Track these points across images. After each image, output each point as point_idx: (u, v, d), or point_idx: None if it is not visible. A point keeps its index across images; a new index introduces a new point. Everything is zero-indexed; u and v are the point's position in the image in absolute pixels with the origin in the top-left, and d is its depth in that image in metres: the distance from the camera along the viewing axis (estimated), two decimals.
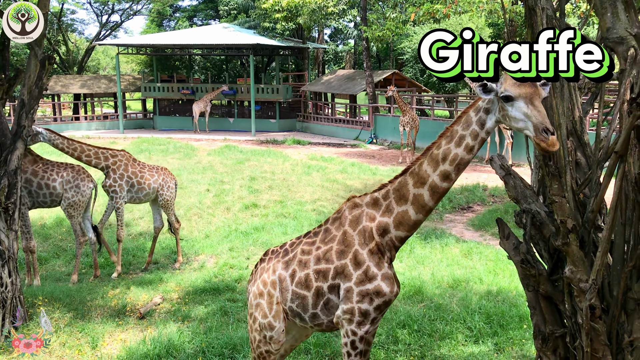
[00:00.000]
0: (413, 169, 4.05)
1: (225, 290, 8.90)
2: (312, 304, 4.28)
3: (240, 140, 28.25)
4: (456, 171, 3.90)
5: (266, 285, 4.53)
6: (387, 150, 25.63)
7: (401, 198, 4.07)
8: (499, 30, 33.16)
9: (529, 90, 3.51)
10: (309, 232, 4.55)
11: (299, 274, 4.33)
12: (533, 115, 3.44)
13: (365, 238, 4.11)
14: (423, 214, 4.05)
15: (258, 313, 4.60)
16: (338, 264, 4.13)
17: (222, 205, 14.34)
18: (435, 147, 3.97)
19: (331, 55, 52.84)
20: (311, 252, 4.32)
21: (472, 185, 16.54)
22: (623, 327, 3.91)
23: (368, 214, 4.17)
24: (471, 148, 3.85)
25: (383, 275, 4.04)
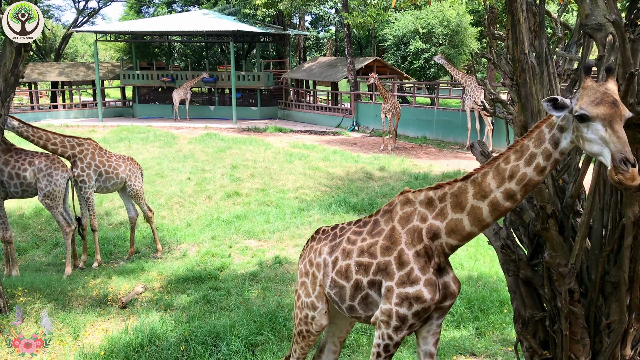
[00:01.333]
0: (475, 178, 3.66)
1: (207, 279, 8.88)
2: (350, 296, 4.15)
3: (222, 128, 28.06)
4: (522, 192, 3.46)
5: (312, 265, 4.50)
6: (369, 137, 25.66)
7: (457, 205, 3.74)
8: (479, 17, 33.26)
9: (609, 111, 3.03)
10: (360, 220, 4.39)
11: (340, 262, 4.22)
12: (611, 141, 2.98)
13: (413, 238, 3.87)
14: (479, 227, 3.71)
15: (302, 291, 4.57)
16: (381, 260, 3.94)
17: (204, 193, 14.27)
18: (503, 161, 3.52)
19: (312, 42, 52.58)
20: (356, 242, 4.18)
21: (453, 171, 16.68)
22: (601, 310, 3.98)
23: (420, 213, 3.90)
24: (542, 169, 3.35)
25: (426, 280, 3.77)
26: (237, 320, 7.04)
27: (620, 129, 3.00)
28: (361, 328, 6.96)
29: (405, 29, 30.55)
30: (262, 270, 9.24)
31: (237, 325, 6.84)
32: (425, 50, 29.77)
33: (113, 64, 37.80)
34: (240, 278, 8.91)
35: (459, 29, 29.95)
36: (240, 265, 9.63)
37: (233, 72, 30.88)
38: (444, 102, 31.07)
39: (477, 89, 20.27)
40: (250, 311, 7.36)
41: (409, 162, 18.82)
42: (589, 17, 3.82)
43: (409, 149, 22.26)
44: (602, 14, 3.75)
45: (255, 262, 9.76)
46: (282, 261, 9.66)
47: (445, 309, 3.98)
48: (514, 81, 4.28)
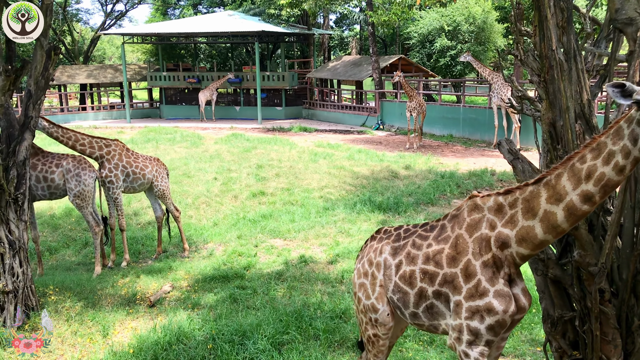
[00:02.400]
0: (549, 180, 3.38)
1: (234, 278, 8.95)
2: (414, 303, 4.00)
3: (247, 128, 28.23)
4: (601, 194, 3.17)
5: (372, 265, 4.32)
6: (394, 136, 25.54)
7: (529, 211, 3.47)
8: (506, 13, 32.86)
9: None
10: (427, 223, 4.21)
11: (404, 267, 4.05)
12: None
13: (481, 247, 3.66)
14: (553, 235, 3.42)
15: (362, 294, 4.41)
16: (447, 272, 3.76)
17: (230, 193, 14.37)
18: (579, 160, 3.24)
19: (337, 41, 52.54)
20: (422, 247, 3.99)
21: (480, 170, 16.50)
22: (633, 310, 3.90)
23: (489, 220, 3.67)
24: (622, 168, 3.06)
25: (496, 292, 3.57)
26: (263, 319, 7.07)
27: None
28: None
29: (430, 27, 30.35)
30: (288, 270, 9.27)
31: (264, 324, 6.87)
32: (450, 48, 29.53)
33: (140, 66, 38.32)
34: (266, 277, 8.95)
35: (485, 25, 29.64)
36: (266, 265, 9.67)
37: (258, 72, 31.02)
38: (470, 100, 30.79)
39: (504, 86, 20.03)
40: (277, 310, 7.39)
41: (435, 160, 18.68)
42: (619, 11, 3.75)
43: (434, 147, 22.10)
44: (633, 7, 3.67)
45: (280, 261, 9.80)
46: (307, 260, 9.68)
47: (513, 322, 3.75)
48: (542, 78, 4.22)
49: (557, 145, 4.16)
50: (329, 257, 9.84)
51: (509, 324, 3.65)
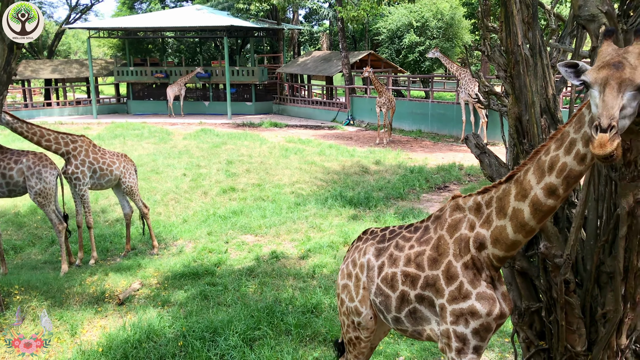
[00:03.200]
0: (518, 177, 3.28)
1: (204, 275, 8.89)
2: (396, 307, 3.87)
3: (216, 123, 28.02)
4: (564, 186, 3.04)
5: (355, 266, 4.20)
6: (365, 131, 25.65)
7: (501, 210, 3.37)
8: (473, 9, 33.23)
9: (605, 74, 2.68)
10: (412, 224, 4.08)
11: (386, 269, 3.92)
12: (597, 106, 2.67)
13: (460, 248, 3.55)
14: (522, 234, 3.30)
15: (345, 295, 4.30)
16: (429, 274, 3.65)
17: (200, 189, 14.25)
18: (544, 152, 3.14)
19: (306, 36, 52.46)
20: (404, 248, 3.87)
21: (448, 164, 16.70)
22: (596, 300, 4.00)
23: (469, 220, 3.57)
24: (583, 157, 2.93)
25: (478, 294, 3.46)
26: (234, 315, 7.04)
27: (609, 92, 2.63)
28: None
29: (399, 23, 30.52)
30: (259, 265, 9.25)
31: (235, 320, 6.85)
32: (419, 44, 29.75)
33: (107, 61, 37.67)
34: (237, 273, 8.92)
35: (453, 21, 29.95)
36: (237, 261, 9.63)
37: (227, 67, 30.80)
38: (438, 95, 31.09)
39: (471, 81, 20.28)
40: (248, 306, 7.37)
41: (404, 155, 18.83)
42: (582, 8, 3.83)
43: (404, 142, 22.27)
44: (595, 5, 3.75)
45: (252, 257, 9.77)
46: (279, 256, 9.67)
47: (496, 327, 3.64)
48: (508, 73, 4.28)
49: (523, 140, 4.23)
50: (300, 253, 9.84)
51: (494, 328, 3.53)
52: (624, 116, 2.65)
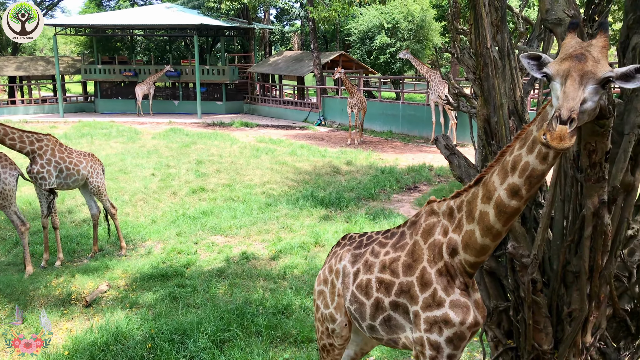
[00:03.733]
0: (485, 179, 3.20)
1: (173, 276, 8.78)
2: (370, 315, 3.76)
3: (186, 123, 27.75)
4: (527, 186, 2.95)
5: (331, 272, 4.12)
6: (336, 132, 25.70)
7: (470, 214, 3.29)
8: (443, 11, 33.58)
9: (567, 66, 2.62)
10: (389, 230, 3.97)
11: (361, 275, 3.82)
12: (560, 98, 2.56)
13: (435, 254, 3.45)
14: (490, 238, 3.20)
15: (320, 302, 4.21)
16: (404, 281, 3.55)
17: (169, 189, 14.09)
18: (509, 153, 3.07)
19: (278, 36, 52.31)
20: (379, 255, 3.77)
21: (419, 165, 16.84)
22: (562, 299, 4.07)
23: (443, 225, 3.48)
24: (545, 155, 2.84)
25: (452, 302, 3.35)
26: (204, 317, 6.98)
27: (571, 84, 2.55)
28: None
29: (370, 24, 30.66)
30: (229, 267, 9.19)
31: (204, 322, 6.79)
32: (390, 45, 29.93)
33: (74, 58, 36.99)
34: (207, 274, 8.83)
35: (423, 23, 30.21)
36: (207, 262, 9.55)
37: (197, 66, 30.54)
38: (409, 97, 31.32)
39: (441, 83, 20.49)
40: (218, 307, 7.31)
41: (375, 156, 18.93)
42: (549, 12, 3.89)
43: (375, 143, 22.38)
44: (562, 9, 3.82)
45: (222, 258, 9.69)
46: (249, 257, 9.62)
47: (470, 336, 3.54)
48: (477, 75, 4.33)
49: (492, 141, 4.29)
50: (271, 253, 9.80)
51: (468, 337, 3.44)
52: (584, 110, 2.59)
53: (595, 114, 2.70)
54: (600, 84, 2.59)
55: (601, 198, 3.63)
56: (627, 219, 3.93)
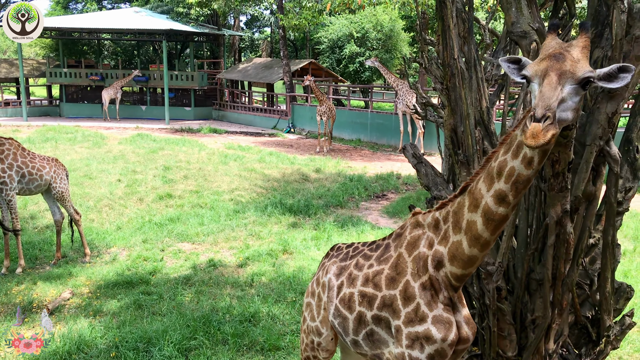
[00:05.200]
0: (471, 187, 3.12)
1: (139, 283, 8.65)
2: (353, 330, 3.66)
3: (154, 128, 27.42)
4: (514, 192, 2.88)
5: (318, 285, 4.04)
6: (305, 139, 25.72)
7: (457, 224, 3.19)
8: (411, 22, 33.98)
9: (544, 65, 2.62)
10: (375, 241, 3.87)
11: (344, 289, 3.73)
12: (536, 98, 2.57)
13: (419, 267, 3.34)
14: (478, 248, 3.11)
15: (308, 314, 4.15)
16: (386, 294, 3.43)
17: (135, 195, 13.89)
18: (494, 158, 2.99)
19: (247, 42, 52.21)
20: (363, 267, 3.67)
21: (386, 173, 16.97)
22: (526, 306, 4.14)
23: (428, 237, 3.37)
24: (530, 160, 2.78)
25: (435, 317, 3.23)
26: (169, 325, 6.88)
27: (548, 84, 2.54)
28: (297, 330, 6.96)
29: (340, 33, 30.83)
30: (196, 274, 9.09)
31: (170, 330, 6.70)
32: (359, 54, 30.14)
33: (39, 61, 36.23)
34: (173, 282, 8.72)
35: (392, 33, 30.51)
36: (173, 269, 9.43)
37: (166, 71, 30.25)
38: (377, 106, 31.57)
39: (409, 92, 20.71)
40: (184, 315, 7.22)
41: (344, 164, 19.00)
42: (515, 24, 3.98)
43: (344, 151, 22.47)
44: (527, 22, 3.91)
45: (188, 265, 9.59)
46: (216, 264, 9.53)
47: (457, 353, 3.41)
48: (444, 85, 4.40)
49: (458, 150, 4.35)
50: (238, 261, 9.74)
51: (450, 355, 3.30)
52: (565, 109, 2.57)
53: (578, 115, 2.69)
54: (580, 84, 2.56)
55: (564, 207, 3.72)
56: (588, 227, 4.03)
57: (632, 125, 4.06)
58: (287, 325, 7.12)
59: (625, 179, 4.07)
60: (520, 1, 3.95)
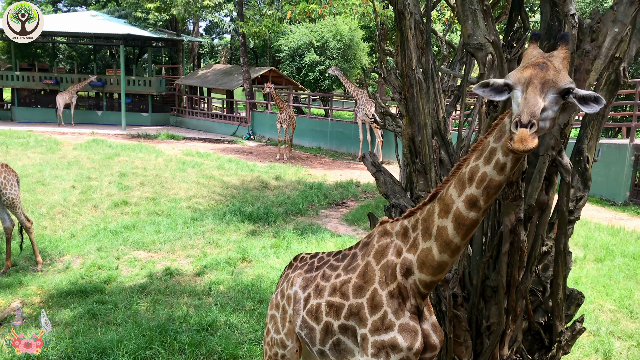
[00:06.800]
0: (441, 194, 3.14)
1: (93, 292, 8.44)
2: (320, 340, 3.63)
3: (110, 134, 26.90)
4: (485, 197, 2.91)
5: (283, 297, 3.99)
6: (265, 146, 25.65)
7: (426, 231, 3.19)
8: (371, 32, 34.37)
9: (528, 74, 2.64)
10: (340, 251, 3.84)
11: (312, 300, 3.70)
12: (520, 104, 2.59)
13: (387, 276, 3.33)
14: (448, 253, 3.12)
15: (272, 326, 4.09)
16: (353, 303, 3.42)
17: (90, 202, 13.57)
18: (465, 164, 3.02)
19: (207, 49, 51.84)
20: (330, 278, 3.64)
21: (346, 181, 17.06)
22: (481, 313, 4.22)
23: (396, 245, 3.37)
24: (502, 166, 2.82)
25: (401, 326, 3.22)
26: (124, 334, 6.74)
27: (532, 91, 2.57)
28: (255, 338, 6.91)
29: (300, 41, 30.94)
30: (152, 282, 8.93)
31: (125, 339, 6.55)
32: (319, 63, 30.29)
33: None
34: (129, 291, 8.55)
35: (352, 43, 30.78)
36: (129, 278, 9.24)
37: (123, 76, 29.74)
38: (337, 114, 31.77)
39: (368, 102, 20.92)
40: (139, 325, 7.08)
41: (304, 171, 19.02)
42: (471, 37, 4.07)
43: (304, 158, 22.50)
44: (483, 34, 4.00)
45: (144, 274, 9.41)
46: (173, 272, 9.39)
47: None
48: (403, 95, 4.46)
49: (416, 159, 4.41)
50: (196, 269, 9.61)
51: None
52: (545, 118, 2.60)
53: (554, 124, 2.75)
54: (560, 94, 2.62)
55: (518, 216, 3.81)
56: (541, 235, 4.13)
57: (582, 137, 4.19)
58: (245, 334, 7.06)
59: (577, 189, 4.20)
60: (477, 14, 4.05)
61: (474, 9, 4.07)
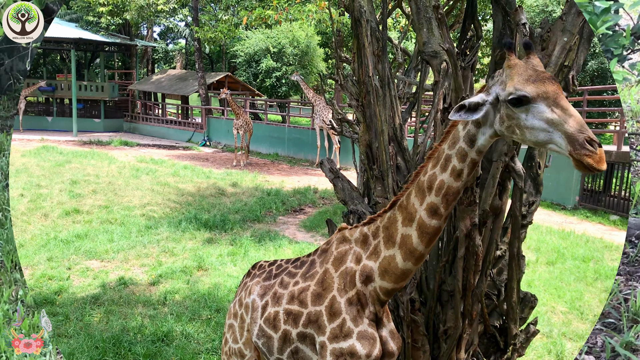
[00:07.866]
0: (402, 202, 3.15)
1: (43, 304, 8.17)
2: (278, 349, 3.58)
3: (60, 140, 26.19)
4: (444, 204, 2.95)
5: (241, 306, 3.90)
6: (221, 153, 25.42)
7: (389, 239, 3.19)
8: (327, 38, 34.56)
9: (551, 87, 2.54)
10: (299, 258, 3.80)
11: (269, 308, 3.64)
12: (563, 121, 2.47)
13: (346, 283, 3.31)
14: (412, 261, 3.13)
15: (230, 335, 4.00)
16: (312, 310, 3.39)
17: (39, 211, 13.16)
18: (423, 173, 3.05)
19: (161, 54, 51.13)
20: (288, 285, 3.60)
21: (304, 187, 17.05)
22: (438, 317, 4.26)
23: (355, 252, 3.35)
24: (459, 173, 2.88)
25: (360, 333, 3.21)
26: (76, 347, 6.54)
27: (569, 106, 2.50)
28: (212, 348, 6.81)
29: (256, 47, 30.85)
30: (105, 293, 8.71)
31: (77, 352, 6.37)
32: (276, 69, 30.26)
33: None
34: (81, 302, 8.31)
35: (308, 49, 30.88)
36: (81, 288, 8.99)
37: (74, 81, 29.04)
38: (294, 120, 31.75)
39: (325, 108, 21.00)
40: (92, 336, 6.89)
41: (261, 178, 18.92)
42: (426, 44, 4.13)
43: (261, 165, 22.40)
44: (437, 42, 4.06)
45: (97, 284, 9.17)
46: (127, 282, 9.17)
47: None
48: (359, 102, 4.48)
49: (373, 165, 4.44)
50: (150, 278, 9.42)
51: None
52: None
53: None
54: None
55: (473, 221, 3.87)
56: (495, 240, 4.21)
57: None
58: (201, 344, 6.95)
59: (529, 194, 4.30)
60: (432, 22, 4.11)
61: (428, 17, 4.13)
